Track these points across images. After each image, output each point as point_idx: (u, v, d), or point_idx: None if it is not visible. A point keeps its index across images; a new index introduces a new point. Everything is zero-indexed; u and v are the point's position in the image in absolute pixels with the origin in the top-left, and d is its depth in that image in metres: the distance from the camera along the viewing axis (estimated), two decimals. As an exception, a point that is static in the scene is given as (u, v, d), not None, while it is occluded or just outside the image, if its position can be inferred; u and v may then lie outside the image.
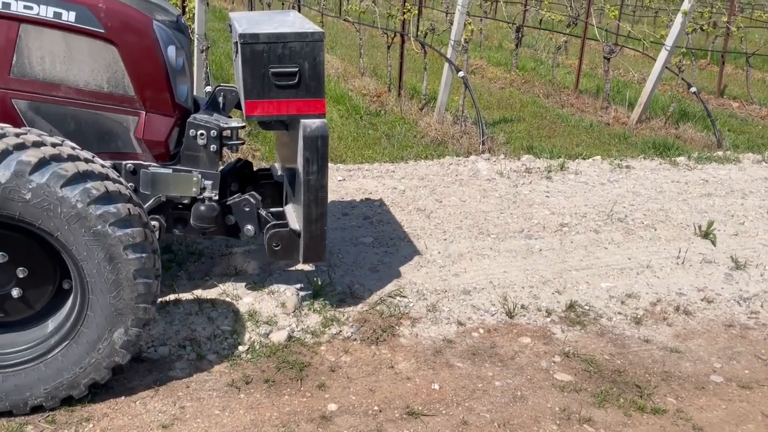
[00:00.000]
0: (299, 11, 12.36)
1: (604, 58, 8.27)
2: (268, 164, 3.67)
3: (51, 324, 2.56)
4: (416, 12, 9.10)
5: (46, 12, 2.62)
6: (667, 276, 3.99)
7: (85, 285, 2.43)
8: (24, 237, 2.45)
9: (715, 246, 4.39)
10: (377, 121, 7.24)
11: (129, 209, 2.41)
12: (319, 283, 3.49)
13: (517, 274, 3.90)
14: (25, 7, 2.59)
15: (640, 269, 4.05)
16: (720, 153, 6.60)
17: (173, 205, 3.04)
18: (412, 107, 7.73)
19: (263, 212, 3.16)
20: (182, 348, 2.98)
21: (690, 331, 3.44)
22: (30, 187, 2.23)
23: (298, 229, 3.06)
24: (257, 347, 3.04)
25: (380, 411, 2.71)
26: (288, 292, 3.43)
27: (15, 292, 2.48)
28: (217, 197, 3.00)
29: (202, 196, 2.96)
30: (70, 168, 2.30)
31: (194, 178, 2.93)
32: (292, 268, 3.74)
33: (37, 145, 2.32)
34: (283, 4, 15.33)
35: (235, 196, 3.17)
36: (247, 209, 3.13)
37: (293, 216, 3.18)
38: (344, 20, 11.42)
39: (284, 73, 2.83)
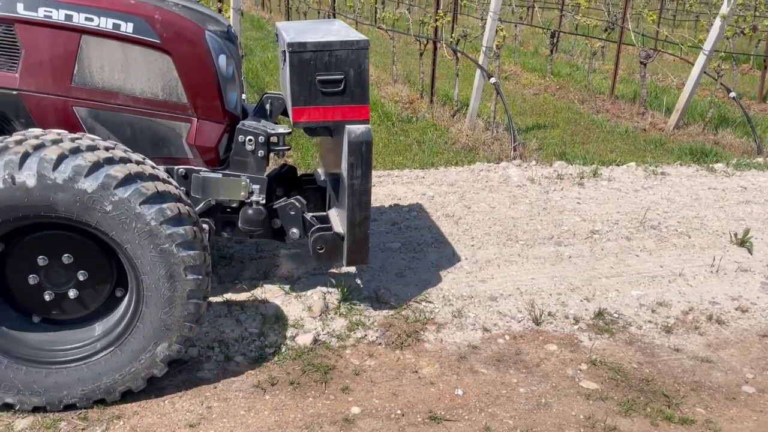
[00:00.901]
0: (334, 19, 12.49)
1: (641, 63, 8.14)
2: (306, 170, 3.74)
3: (98, 328, 2.65)
4: (450, 19, 9.12)
5: (106, 23, 2.73)
6: (701, 284, 3.91)
7: (141, 297, 2.54)
8: (90, 243, 2.56)
9: (751, 254, 4.29)
10: (409, 128, 7.27)
11: (195, 232, 2.52)
12: (346, 287, 3.53)
13: (545, 281, 3.87)
14: (86, 18, 2.71)
15: (673, 277, 3.98)
16: (760, 159, 6.44)
17: (222, 209, 3.14)
18: (443, 114, 7.74)
19: (308, 216, 3.24)
20: (211, 349, 3.05)
21: (722, 341, 3.37)
22: (112, 200, 2.35)
23: (341, 233, 3.12)
24: (283, 350, 3.09)
25: (403, 415, 2.72)
26: (315, 296, 3.48)
27: (72, 293, 2.59)
28: (264, 201, 3.09)
29: (250, 200, 3.05)
30: (150, 187, 2.42)
31: (243, 183, 3.02)
32: (320, 273, 3.79)
33: (123, 161, 2.44)
34: (318, 12, 15.52)
35: (281, 200, 3.25)
36: (293, 213, 3.21)
37: (337, 220, 3.25)
38: (378, 28, 11.50)
39: (330, 80, 2.90)
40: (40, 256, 2.52)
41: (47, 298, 2.57)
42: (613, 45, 10.11)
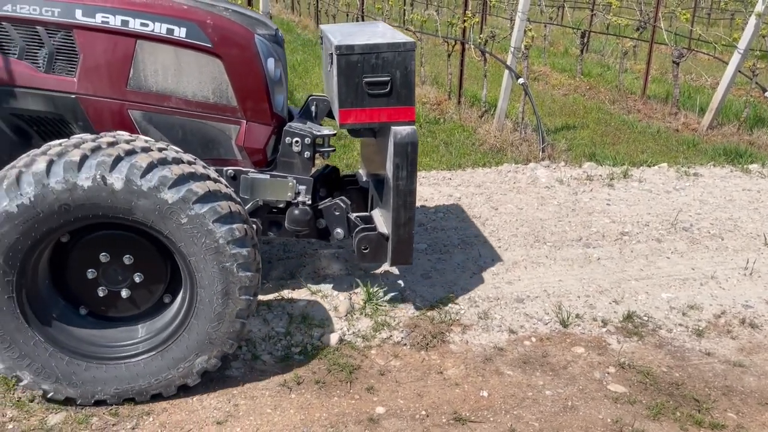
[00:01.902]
0: (363, 21, 12.54)
1: (674, 62, 8.01)
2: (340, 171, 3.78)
3: (141, 330, 2.71)
4: (478, 20, 9.08)
5: (160, 29, 2.81)
6: (734, 287, 3.83)
7: (192, 308, 2.61)
8: (153, 248, 2.64)
9: (787, 257, 4.18)
10: (436, 129, 7.26)
11: (255, 254, 2.60)
12: (371, 288, 3.54)
13: (573, 283, 3.83)
14: (142, 24, 2.79)
15: (705, 280, 3.90)
16: (797, 160, 6.28)
17: (268, 209, 3.20)
18: (471, 115, 7.72)
19: (352, 216, 3.28)
20: (238, 348, 3.09)
21: (756, 345, 3.29)
22: (189, 213, 2.42)
23: (386, 233, 3.15)
24: (309, 349, 3.11)
25: (427, 416, 2.72)
26: (340, 297, 3.50)
27: (124, 292, 2.66)
28: (310, 202, 3.14)
29: (296, 201, 3.10)
30: (225, 207, 2.49)
31: (289, 184, 3.08)
32: (345, 273, 3.81)
33: (203, 177, 2.51)
34: (347, 15, 15.59)
35: (326, 200, 3.30)
36: (338, 213, 3.25)
37: (381, 220, 3.28)
38: (406, 29, 11.51)
39: (377, 82, 2.93)
40: (103, 253, 2.59)
41: (100, 293, 2.64)
42: (645, 44, 9.95)
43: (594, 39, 13.88)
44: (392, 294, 3.59)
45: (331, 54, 3.01)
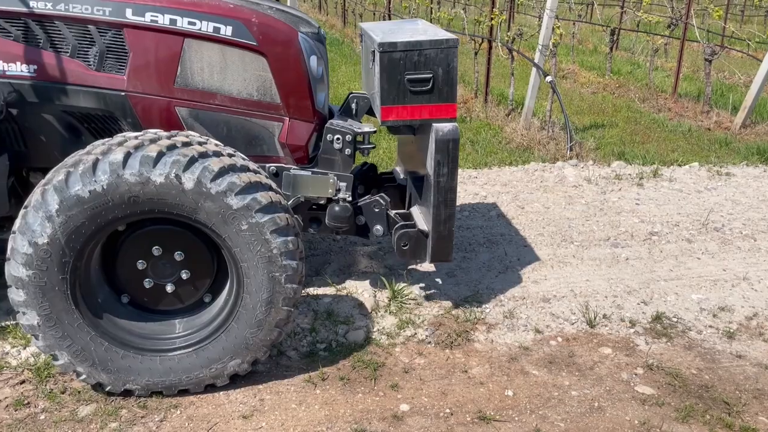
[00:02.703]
0: (390, 19, 12.55)
1: (706, 60, 7.86)
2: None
3: (178, 326, 2.76)
4: (505, 17, 9.01)
5: (207, 27, 2.86)
6: (766, 289, 3.74)
7: (234, 312, 2.66)
8: (204, 249, 2.69)
9: (823, 259, 4.08)
10: (462, 128, 7.23)
11: (302, 267, 2.66)
12: (396, 286, 3.54)
13: (601, 283, 3.79)
14: (189, 23, 2.84)
15: (736, 281, 3.82)
16: (835, 159, 6.11)
17: (308, 205, 3.23)
18: (498, 113, 7.67)
19: (392, 213, 3.29)
20: (264, 344, 3.11)
21: (789, 349, 3.22)
22: (250, 221, 2.48)
23: (426, 230, 3.16)
24: (334, 345, 3.13)
25: (452, 414, 2.71)
26: (365, 294, 3.51)
27: (169, 287, 2.71)
28: (350, 198, 3.16)
29: (337, 197, 3.13)
30: (283, 219, 2.55)
31: (330, 180, 3.10)
32: (370, 271, 3.82)
33: (267, 187, 2.57)
34: (374, 14, 15.61)
35: (366, 197, 3.32)
36: (377, 210, 3.27)
37: (420, 217, 3.29)
38: (433, 28, 11.46)
39: (419, 79, 2.93)
40: (156, 247, 2.64)
41: (146, 285, 2.70)
42: (677, 42, 9.78)
43: (624, 36, 13.69)
44: (417, 292, 3.58)
45: (373, 51, 3.03)
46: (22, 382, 2.81)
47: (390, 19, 13.02)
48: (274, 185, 2.64)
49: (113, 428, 2.57)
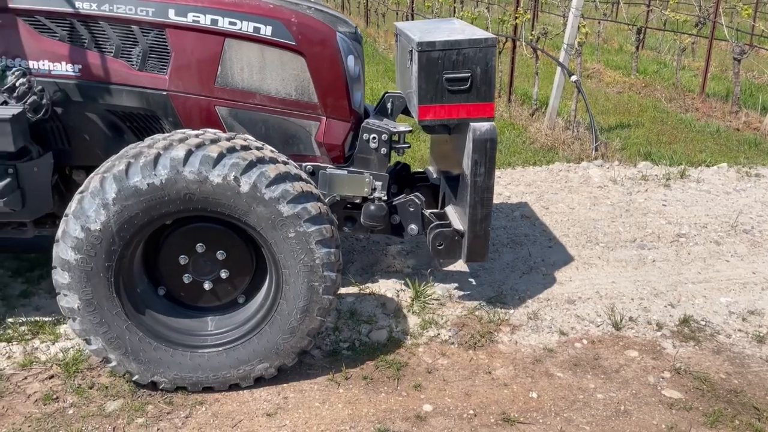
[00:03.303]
0: (412, 19, 12.53)
1: (734, 59, 7.72)
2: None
3: (210, 323, 2.78)
4: (529, 17, 8.95)
5: (248, 27, 2.89)
6: (798, 293, 3.67)
7: (269, 317, 2.69)
8: (246, 250, 2.72)
9: None
10: (486, 127, 7.18)
11: (339, 279, 2.69)
12: (419, 285, 3.53)
13: (627, 285, 3.74)
14: (230, 23, 2.87)
15: (766, 284, 3.75)
16: None
17: (344, 204, 3.25)
18: (522, 113, 7.62)
19: (427, 213, 3.29)
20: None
21: (822, 354, 3.15)
22: (298, 230, 2.53)
23: (461, 230, 3.15)
24: (357, 345, 3.13)
25: (475, 415, 2.70)
26: (388, 294, 3.51)
27: (207, 284, 2.74)
28: (386, 197, 3.17)
29: (372, 197, 3.14)
30: (329, 230, 2.59)
31: (366, 179, 3.12)
32: (393, 270, 3.82)
33: (317, 198, 2.61)
34: (397, 13, 15.60)
35: (401, 196, 3.32)
36: (412, 209, 3.27)
37: (455, 217, 3.28)
38: (456, 27, 11.41)
39: (457, 78, 2.93)
40: (200, 244, 2.68)
41: (185, 280, 2.73)
42: (704, 41, 9.62)
43: (650, 35, 13.51)
44: (440, 292, 3.57)
45: (411, 50, 3.02)
46: (51, 377, 2.86)
47: (413, 18, 12.99)
48: (320, 194, 2.67)
49: (140, 423, 2.60)
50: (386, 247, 4.10)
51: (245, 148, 2.56)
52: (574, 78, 6.59)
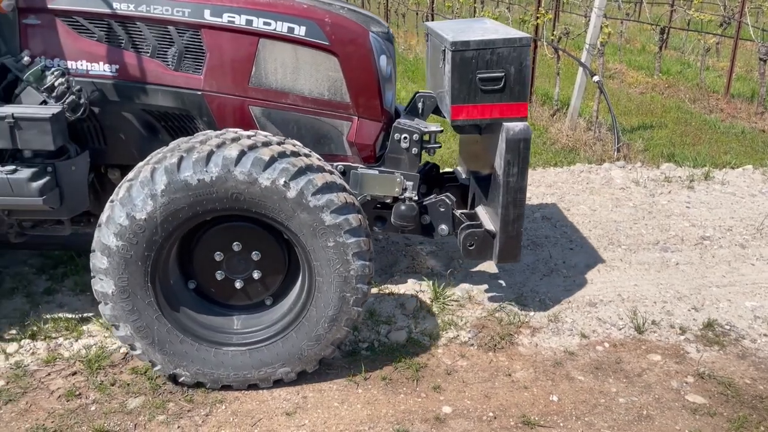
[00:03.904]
0: (432, 19, 12.51)
1: (760, 59, 7.59)
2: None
3: (236, 322, 2.80)
4: (551, 16, 8.88)
5: (282, 27, 2.90)
6: (826, 298, 3.59)
7: (297, 322, 2.70)
8: (281, 253, 2.74)
9: None
10: (506, 128, 7.14)
11: (369, 293, 2.70)
12: (438, 286, 3.52)
13: (649, 288, 3.69)
14: (264, 23, 2.89)
15: (793, 289, 3.68)
16: None
17: (374, 204, 3.25)
18: (543, 113, 7.56)
19: (457, 213, 3.28)
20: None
21: None
22: (338, 240, 2.55)
23: (493, 230, 3.14)
24: (376, 345, 3.12)
25: (495, 417, 2.68)
26: (408, 294, 3.50)
27: (238, 283, 2.76)
28: (416, 197, 3.17)
29: (403, 196, 3.14)
30: (366, 243, 2.59)
31: (397, 179, 3.12)
32: (412, 271, 3.81)
33: (357, 210, 2.62)
34: (417, 13, 15.58)
35: (431, 196, 3.32)
36: (443, 209, 3.27)
37: (486, 217, 3.27)
38: (477, 27, 11.36)
39: (491, 77, 2.92)
40: (237, 242, 2.69)
41: (218, 276, 2.74)
42: (729, 41, 9.48)
43: (673, 35, 13.34)
44: (459, 293, 3.55)
45: (444, 50, 3.01)
46: (74, 373, 2.89)
47: (433, 19, 12.97)
48: (361, 209, 2.67)
49: (161, 420, 2.62)
50: (405, 248, 4.09)
51: (295, 154, 2.57)
52: (596, 78, 6.53)
